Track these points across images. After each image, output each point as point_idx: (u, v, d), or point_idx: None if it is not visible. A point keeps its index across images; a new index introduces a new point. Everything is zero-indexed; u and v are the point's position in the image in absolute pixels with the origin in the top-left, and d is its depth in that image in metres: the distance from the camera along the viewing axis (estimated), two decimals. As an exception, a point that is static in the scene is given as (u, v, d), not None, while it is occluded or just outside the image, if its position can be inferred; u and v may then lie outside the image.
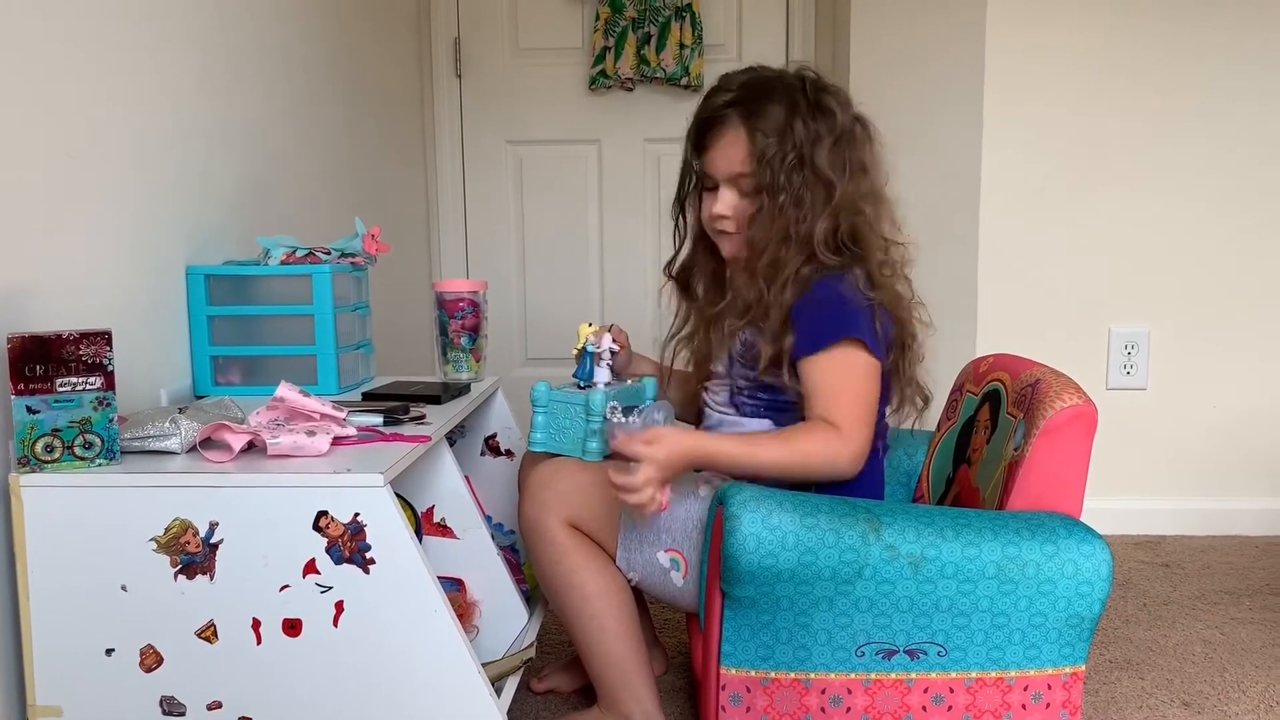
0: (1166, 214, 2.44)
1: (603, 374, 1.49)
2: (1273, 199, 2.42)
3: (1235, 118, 2.40)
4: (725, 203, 1.41)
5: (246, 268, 1.58)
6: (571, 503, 1.38)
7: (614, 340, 1.50)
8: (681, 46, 2.85)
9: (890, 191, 1.46)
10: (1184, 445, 2.51)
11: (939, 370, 1.51)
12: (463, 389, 1.62)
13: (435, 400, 1.52)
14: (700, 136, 1.43)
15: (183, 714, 1.14)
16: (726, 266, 1.49)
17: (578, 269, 3.08)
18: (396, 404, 1.45)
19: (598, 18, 2.88)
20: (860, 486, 1.42)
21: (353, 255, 1.66)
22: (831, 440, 1.31)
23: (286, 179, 1.95)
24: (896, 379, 1.43)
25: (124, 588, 1.11)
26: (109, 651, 1.13)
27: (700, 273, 1.54)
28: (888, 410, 1.46)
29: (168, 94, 1.53)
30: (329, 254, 1.62)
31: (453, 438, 1.75)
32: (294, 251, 1.60)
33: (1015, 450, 1.35)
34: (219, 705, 1.14)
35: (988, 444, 1.46)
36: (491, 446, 1.81)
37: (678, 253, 1.56)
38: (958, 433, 1.57)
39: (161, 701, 1.13)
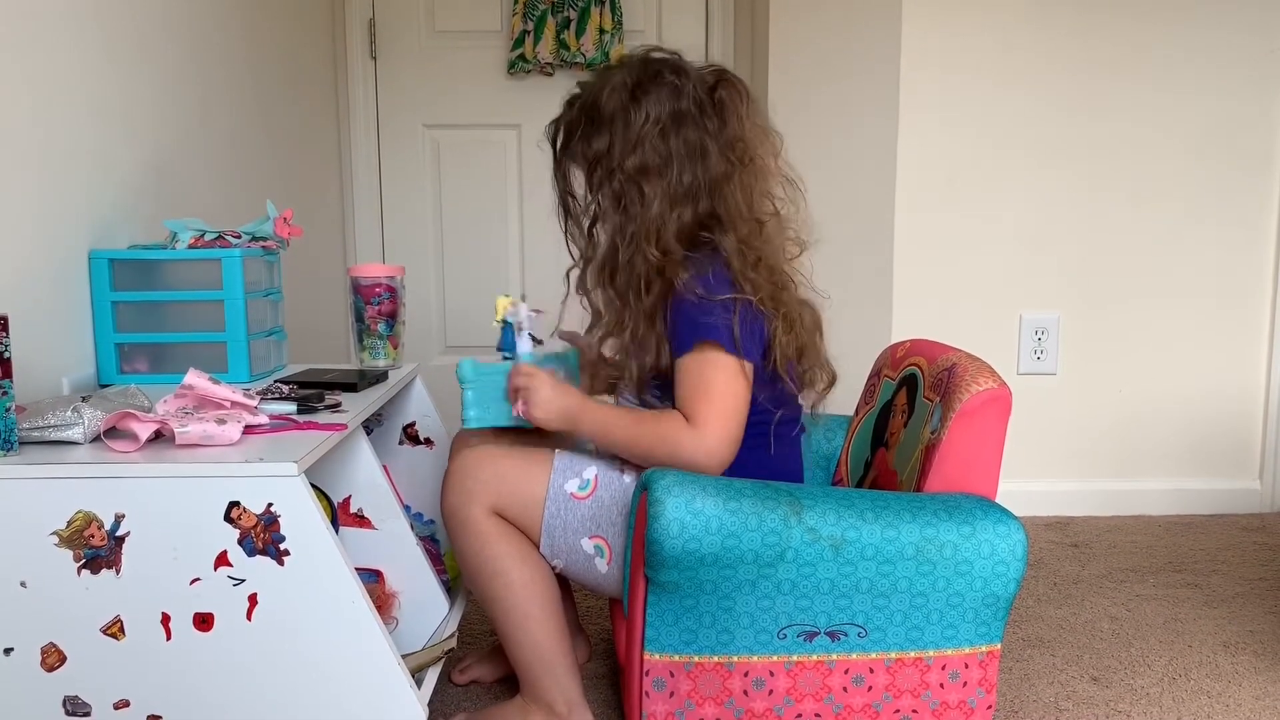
0: (1076, 202, 2.50)
1: (525, 344, 1.47)
2: (1182, 188, 2.50)
3: (1146, 108, 2.47)
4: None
5: (153, 252, 1.53)
6: (494, 490, 1.37)
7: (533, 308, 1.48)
8: (601, 31, 2.84)
9: (806, 180, 1.46)
10: (1091, 429, 2.58)
11: (857, 355, 1.52)
12: (380, 376, 1.59)
13: (351, 388, 1.49)
14: (560, 149, 1.47)
15: (87, 714, 1.10)
16: None
17: (498, 255, 3.05)
18: (311, 391, 1.42)
19: (516, 0, 2.84)
20: (779, 471, 1.43)
21: (264, 239, 1.61)
22: (680, 430, 1.32)
23: (194, 160, 1.89)
24: (800, 360, 1.43)
25: (23, 584, 1.07)
26: (8, 651, 1.08)
27: None
28: (794, 391, 1.45)
29: (69, 71, 1.47)
30: (239, 238, 1.57)
31: (370, 426, 1.72)
32: (202, 235, 1.55)
33: (932, 433, 1.37)
34: (126, 704, 1.10)
35: (905, 427, 1.48)
36: (410, 435, 1.78)
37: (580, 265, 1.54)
38: (875, 416, 1.59)
39: (65, 702, 1.09)
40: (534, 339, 1.49)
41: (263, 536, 1.07)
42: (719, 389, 1.32)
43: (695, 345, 1.32)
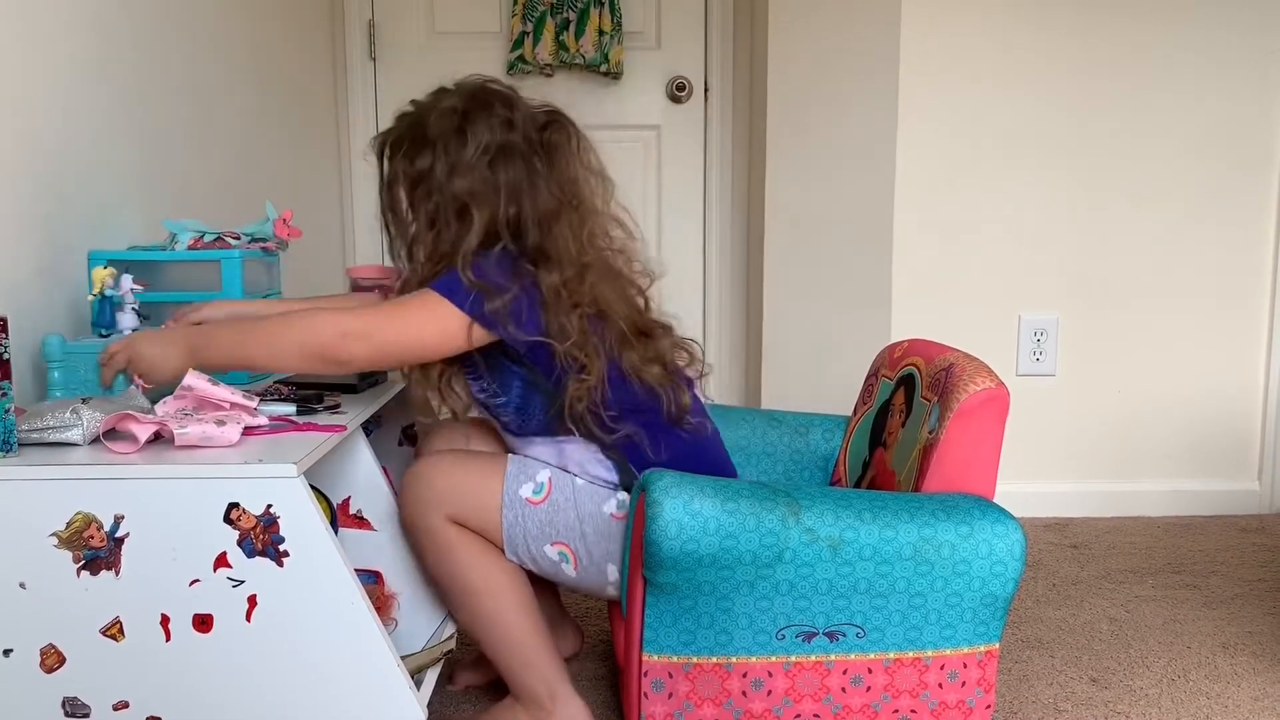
0: (1075, 203, 2.50)
1: (128, 320, 1.39)
2: (1182, 188, 2.50)
3: (1146, 108, 2.47)
4: None
5: (152, 253, 1.53)
6: (451, 500, 1.36)
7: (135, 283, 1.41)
8: (600, 33, 2.84)
9: (805, 180, 1.45)
10: (1090, 430, 2.58)
11: (855, 355, 1.52)
12: (379, 378, 1.59)
13: (351, 389, 1.49)
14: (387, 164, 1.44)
15: (87, 715, 1.10)
16: None
17: (496, 257, 3.04)
18: (310, 393, 1.42)
19: (515, 2, 2.84)
20: (684, 466, 1.40)
21: (264, 240, 1.62)
22: (334, 314, 1.30)
23: (193, 161, 1.90)
24: (642, 386, 1.39)
25: (22, 585, 1.07)
26: (7, 652, 1.08)
27: None
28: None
29: (68, 73, 1.47)
30: (239, 239, 1.57)
31: (369, 428, 1.72)
32: (202, 236, 1.55)
33: (930, 433, 1.37)
34: (125, 705, 1.10)
35: (903, 427, 1.48)
36: (409, 436, 1.78)
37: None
38: (873, 417, 1.59)
39: (64, 703, 1.09)
40: (139, 315, 1.41)
41: (262, 538, 1.07)
42: (409, 311, 1.31)
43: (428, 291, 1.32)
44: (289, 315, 1.33)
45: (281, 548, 1.07)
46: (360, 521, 1.49)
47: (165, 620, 1.08)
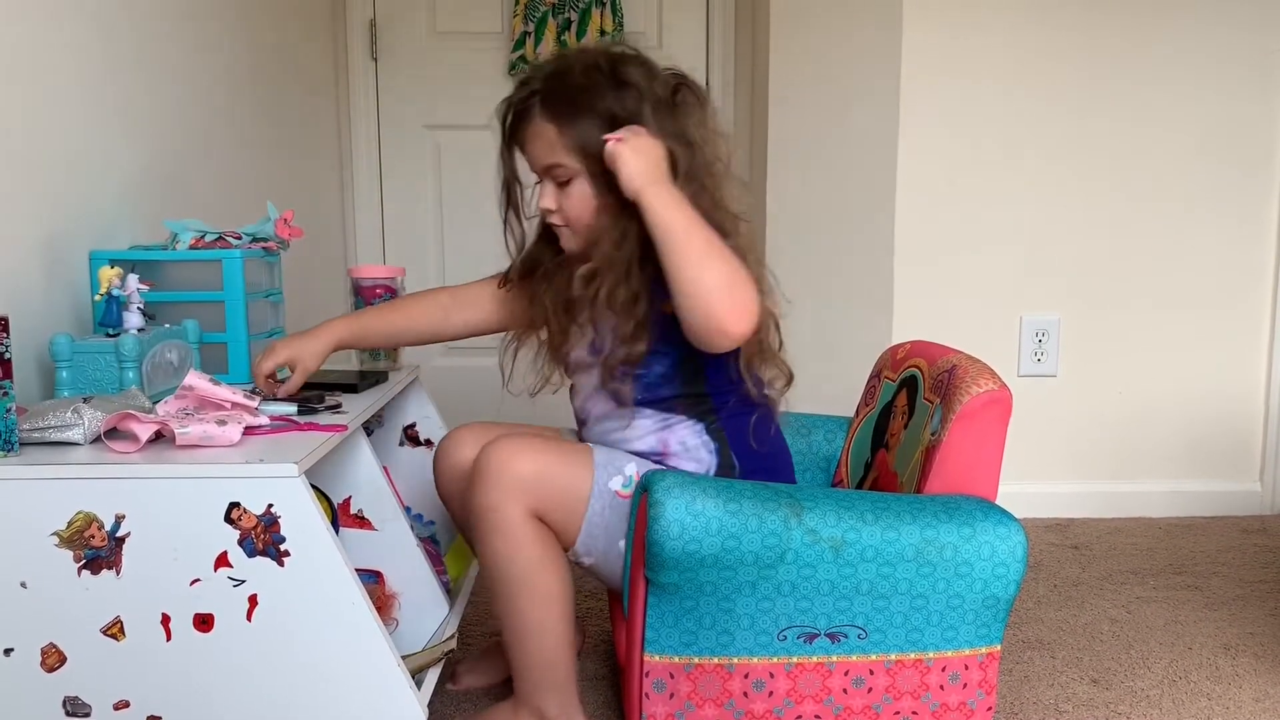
0: (1076, 204, 2.50)
1: (134, 319, 1.39)
2: (1182, 188, 2.50)
3: (1146, 108, 2.47)
4: (547, 196, 1.36)
5: (153, 253, 1.53)
6: (537, 489, 1.29)
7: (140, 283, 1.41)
8: (602, 33, 2.84)
9: (807, 181, 1.45)
10: (1091, 430, 2.58)
11: (857, 356, 1.52)
12: (380, 378, 1.59)
13: (352, 389, 1.49)
14: (511, 130, 1.38)
15: (87, 714, 1.10)
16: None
17: (499, 257, 3.04)
18: (311, 393, 1.42)
19: (517, 2, 2.85)
20: (773, 462, 1.42)
21: (265, 240, 1.62)
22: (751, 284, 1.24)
23: (195, 161, 1.90)
24: (756, 360, 1.38)
25: (23, 584, 1.07)
26: (8, 651, 1.08)
27: (547, 263, 1.45)
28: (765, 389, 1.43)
29: (68, 72, 1.47)
30: (240, 239, 1.57)
31: (370, 427, 1.72)
32: (203, 236, 1.55)
33: (932, 435, 1.37)
34: (126, 705, 1.10)
35: (905, 429, 1.48)
36: (410, 436, 1.78)
37: (515, 258, 1.50)
38: (875, 418, 1.59)
39: (65, 702, 1.09)
40: (145, 314, 1.41)
41: (263, 537, 1.07)
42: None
43: None
44: (725, 250, 1.24)
45: (282, 547, 1.07)
46: (361, 521, 1.49)
47: (166, 620, 1.08)
